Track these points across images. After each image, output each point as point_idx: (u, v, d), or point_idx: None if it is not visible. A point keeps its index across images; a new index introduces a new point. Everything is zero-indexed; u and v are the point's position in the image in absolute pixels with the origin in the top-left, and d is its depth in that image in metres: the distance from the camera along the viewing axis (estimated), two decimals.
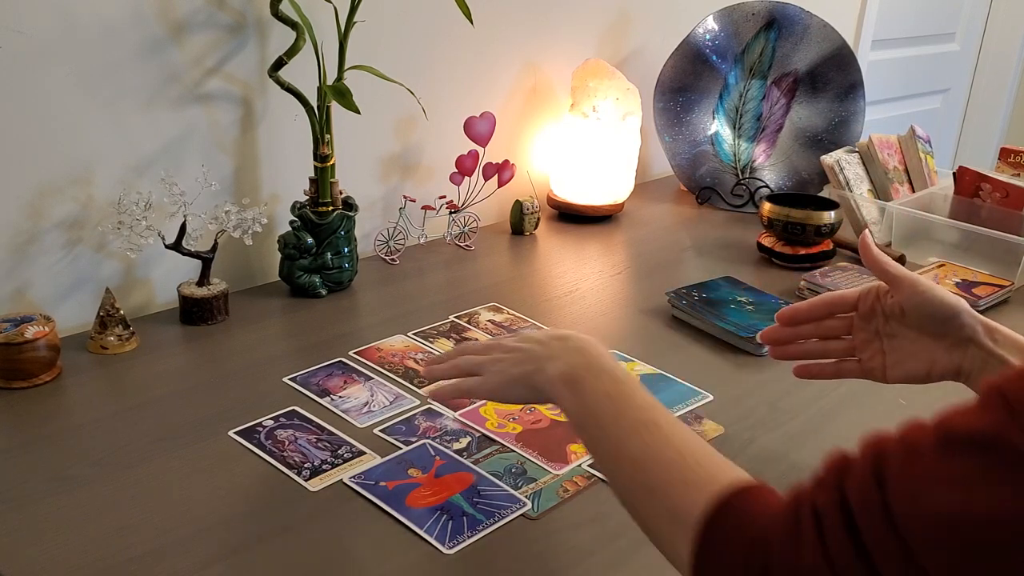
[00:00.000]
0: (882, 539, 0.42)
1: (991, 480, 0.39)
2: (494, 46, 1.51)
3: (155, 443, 0.87)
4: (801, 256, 1.38)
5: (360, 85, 1.17)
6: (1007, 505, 0.39)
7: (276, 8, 1.12)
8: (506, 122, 1.55)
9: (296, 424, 0.91)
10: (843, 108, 1.68)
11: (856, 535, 0.43)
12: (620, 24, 1.73)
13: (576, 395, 0.65)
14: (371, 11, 1.25)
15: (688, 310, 1.17)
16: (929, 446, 0.43)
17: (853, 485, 0.45)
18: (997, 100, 3.02)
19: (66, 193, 1.09)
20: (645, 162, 1.82)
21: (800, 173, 1.69)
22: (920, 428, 0.44)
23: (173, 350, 1.07)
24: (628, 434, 0.60)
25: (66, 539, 0.73)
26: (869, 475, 0.44)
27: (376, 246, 1.38)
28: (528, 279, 1.33)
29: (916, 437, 0.44)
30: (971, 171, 1.49)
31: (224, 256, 1.21)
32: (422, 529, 0.76)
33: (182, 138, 1.17)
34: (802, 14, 1.67)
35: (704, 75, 1.70)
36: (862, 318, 0.79)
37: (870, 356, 0.78)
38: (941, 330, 0.73)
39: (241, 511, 0.78)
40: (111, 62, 1.08)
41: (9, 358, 0.94)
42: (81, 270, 1.13)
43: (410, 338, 1.11)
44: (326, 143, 1.17)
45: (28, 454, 0.85)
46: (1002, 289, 1.25)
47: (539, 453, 0.88)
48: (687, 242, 1.52)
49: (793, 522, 0.47)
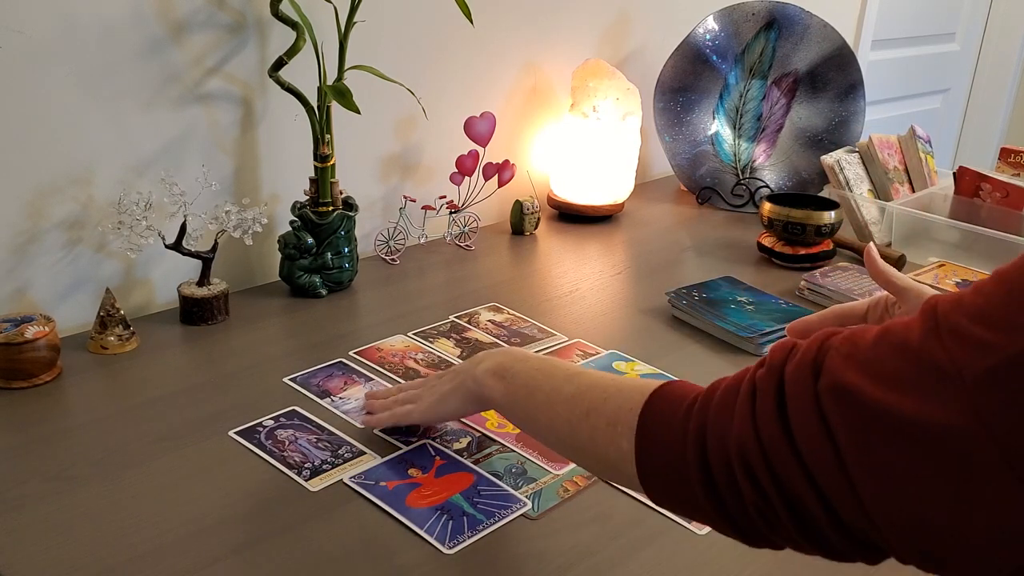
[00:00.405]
0: (805, 413, 0.46)
1: (905, 381, 0.43)
2: (494, 46, 1.51)
3: (155, 443, 0.87)
4: (801, 256, 1.38)
5: (360, 85, 1.17)
6: (912, 406, 0.42)
7: (276, 8, 1.12)
8: (506, 122, 1.55)
9: (296, 424, 0.91)
10: (843, 108, 1.68)
11: (783, 408, 0.47)
12: (620, 24, 1.73)
13: (506, 380, 0.69)
14: (371, 11, 1.25)
15: (688, 310, 1.17)
16: (866, 342, 0.46)
17: (791, 367, 0.48)
18: (997, 100, 3.02)
19: (66, 193, 1.09)
20: (645, 162, 1.82)
21: (800, 173, 1.69)
22: (865, 329, 0.48)
23: (173, 350, 1.07)
24: (561, 383, 0.66)
25: (66, 539, 0.73)
26: (809, 360, 0.48)
27: (376, 246, 1.38)
28: (528, 279, 1.33)
29: (859, 334, 0.47)
30: (971, 171, 1.49)
31: (224, 256, 1.21)
32: (422, 529, 0.76)
33: (182, 138, 1.17)
34: (802, 14, 1.67)
35: (704, 75, 1.70)
36: None
37: None
38: None
39: (241, 511, 0.78)
40: (111, 62, 1.08)
41: (9, 358, 0.94)
42: (81, 270, 1.13)
43: (410, 338, 1.11)
44: (326, 143, 1.17)
45: (28, 454, 0.85)
46: None
47: (539, 453, 0.88)
48: (687, 242, 1.52)
49: (731, 392, 0.52)
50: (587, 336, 1.13)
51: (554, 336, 1.13)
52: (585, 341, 1.12)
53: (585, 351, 1.09)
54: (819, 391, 0.46)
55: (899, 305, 0.76)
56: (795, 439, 0.46)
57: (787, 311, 1.17)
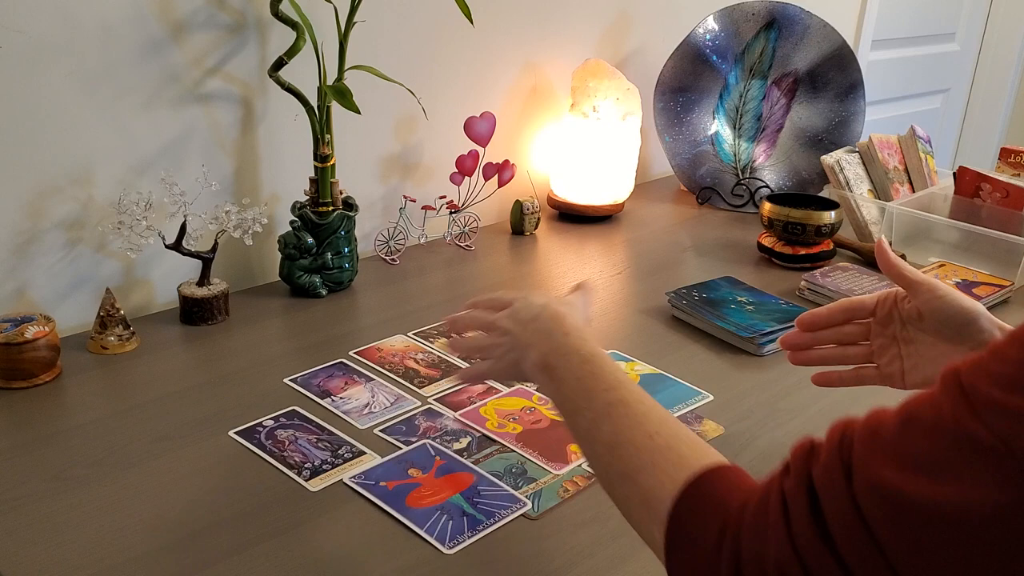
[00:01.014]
0: (845, 521, 0.43)
1: (945, 466, 0.40)
2: (494, 46, 1.51)
3: (155, 443, 0.87)
4: (801, 256, 1.38)
5: (360, 85, 1.17)
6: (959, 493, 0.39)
7: (276, 8, 1.12)
8: (506, 122, 1.55)
9: (296, 424, 0.91)
10: (843, 108, 1.68)
11: (820, 518, 0.44)
12: (620, 24, 1.73)
13: (552, 381, 0.66)
14: (371, 11, 1.25)
15: (688, 310, 1.17)
16: (891, 429, 0.43)
17: (819, 470, 0.45)
18: (997, 100, 3.02)
19: (66, 193, 1.09)
20: (645, 162, 1.82)
21: (800, 173, 1.69)
22: (884, 412, 0.45)
23: (173, 350, 1.07)
24: (600, 417, 0.61)
25: (66, 539, 0.74)
26: (835, 459, 0.45)
27: (376, 246, 1.38)
28: (528, 279, 1.33)
29: (879, 420, 0.45)
30: (971, 171, 1.49)
31: (224, 256, 1.21)
32: (422, 529, 0.76)
33: (182, 138, 1.17)
34: (802, 14, 1.67)
35: (704, 75, 1.70)
36: (880, 323, 0.78)
37: (888, 362, 0.78)
38: (959, 335, 0.73)
39: (241, 511, 0.78)
40: (111, 62, 1.08)
41: (9, 358, 0.94)
42: (81, 270, 1.13)
43: (410, 338, 1.11)
44: (326, 143, 1.17)
45: (28, 454, 0.85)
46: (1002, 289, 1.25)
47: (539, 453, 0.88)
48: (687, 242, 1.52)
49: (762, 508, 0.47)
50: None
51: None
52: None
53: None
54: (855, 493, 0.43)
55: (909, 299, 0.76)
56: (839, 551, 0.43)
57: (787, 311, 1.17)
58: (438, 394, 0.98)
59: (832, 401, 1.00)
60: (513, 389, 1.00)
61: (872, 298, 0.78)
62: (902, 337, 0.77)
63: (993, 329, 0.72)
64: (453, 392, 0.99)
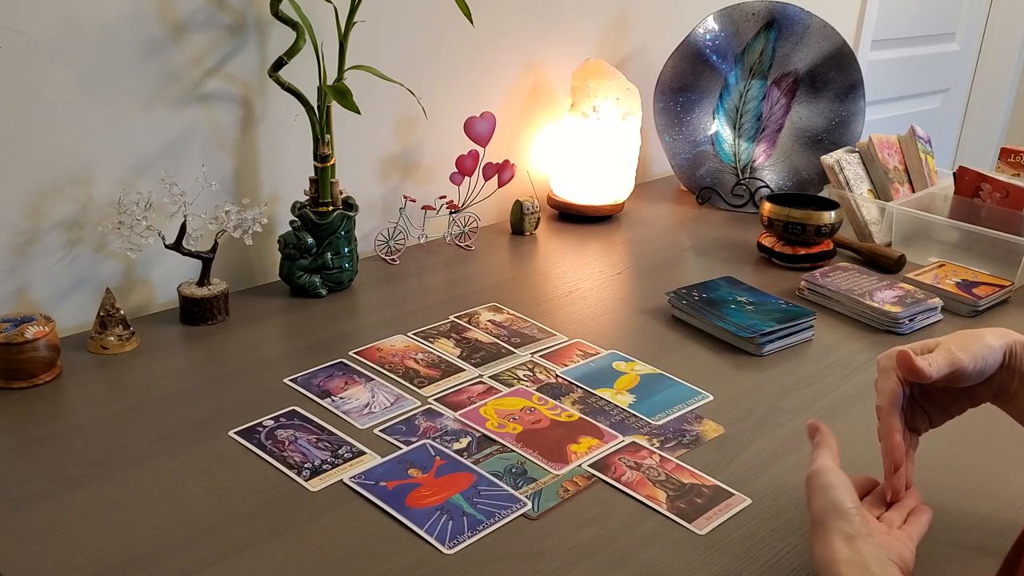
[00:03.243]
0: None
1: None
2: (494, 46, 1.51)
3: (155, 443, 0.87)
4: (801, 256, 1.38)
5: (360, 85, 1.17)
6: None
7: (276, 8, 1.12)
8: (506, 122, 1.55)
9: (296, 424, 0.91)
10: (843, 108, 1.68)
11: None
12: (620, 24, 1.73)
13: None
14: (371, 11, 1.25)
15: (688, 310, 1.17)
16: None
17: None
18: (997, 100, 3.02)
19: (66, 193, 1.09)
20: (645, 162, 1.82)
21: (800, 173, 1.69)
22: None
23: (173, 350, 1.07)
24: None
25: (66, 539, 0.73)
26: None
27: (376, 246, 1.38)
28: (528, 279, 1.33)
29: None
30: (971, 171, 1.49)
31: (224, 256, 1.21)
32: (422, 529, 0.76)
33: (182, 138, 1.17)
34: (802, 14, 1.67)
35: (704, 75, 1.70)
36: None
37: (916, 422, 0.78)
38: (986, 380, 0.75)
39: (241, 511, 0.78)
40: (111, 62, 1.08)
41: (9, 358, 0.94)
42: (81, 270, 1.13)
43: (410, 338, 1.11)
44: (326, 143, 1.17)
45: (28, 454, 0.85)
46: (1002, 289, 1.25)
47: (539, 453, 0.88)
48: (687, 242, 1.52)
49: None
50: (587, 336, 1.13)
51: (554, 336, 1.13)
52: (585, 341, 1.12)
53: (585, 351, 1.09)
54: None
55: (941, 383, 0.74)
56: None
57: (787, 311, 1.17)
58: (438, 394, 0.98)
59: (833, 401, 1.00)
60: (513, 389, 1.00)
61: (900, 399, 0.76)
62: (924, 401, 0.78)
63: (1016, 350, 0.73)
64: (453, 392, 0.99)
